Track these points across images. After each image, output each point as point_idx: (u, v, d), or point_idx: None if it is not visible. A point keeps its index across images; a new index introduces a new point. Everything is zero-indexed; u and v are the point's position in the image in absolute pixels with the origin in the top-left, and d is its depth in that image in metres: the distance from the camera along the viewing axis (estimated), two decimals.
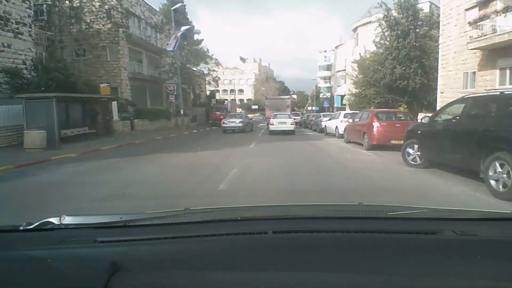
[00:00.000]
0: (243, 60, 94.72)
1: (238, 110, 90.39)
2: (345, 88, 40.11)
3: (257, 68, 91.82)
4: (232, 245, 1.15)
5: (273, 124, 22.32)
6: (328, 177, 7.80)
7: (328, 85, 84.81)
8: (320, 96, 70.43)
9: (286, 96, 37.97)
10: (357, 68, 30.21)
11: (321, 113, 25.97)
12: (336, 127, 18.37)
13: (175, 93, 28.61)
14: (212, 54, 41.85)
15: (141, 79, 31.15)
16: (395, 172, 8.39)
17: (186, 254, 1.09)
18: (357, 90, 29.22)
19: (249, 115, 39.22)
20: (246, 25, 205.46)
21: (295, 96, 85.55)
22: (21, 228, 1.27)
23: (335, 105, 43.31)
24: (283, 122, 22.14)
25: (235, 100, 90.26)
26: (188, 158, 11.46)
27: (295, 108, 47.29)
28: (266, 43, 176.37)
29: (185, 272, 0.99)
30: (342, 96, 40.08)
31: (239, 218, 1.43)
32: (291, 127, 21.68)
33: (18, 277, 0.97)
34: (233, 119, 25.30)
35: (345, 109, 40.73)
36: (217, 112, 38.99)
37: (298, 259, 1.03)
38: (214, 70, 39.08)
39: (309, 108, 63.53)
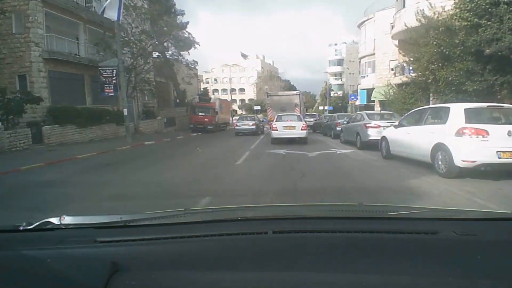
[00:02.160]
0: (244, 56, 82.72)
1: (239, 111, 79.31)
2: (374, 78, 28.05)
3: (260, 65, 79.77)
4: (232, 245, 1.11)
5: (276, 129, 14.66)
6: None
7: (339, 82, 72.69)
8: (331, 94, 58.35)
9: (294, 92, 25.65)
10: (397, 45, 18.39)
11: (362, 112, 13.75)
12: (454, 148, 6.22)
13: (114, 81, 16.85)
14: (186, 24, 30.09)
15: (75, 63, 19.46)
16: None
17: (186, 254, 1.05)
18: (411, 75, 17.27)
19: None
20: (247, 25, 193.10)
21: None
22: (21, 228, 1.23)
23: (358, 102, 31.18)
24: (291, 126, 14.57)
25: (235, 100, 78.53)
26: None
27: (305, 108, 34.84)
28: (269, 43, 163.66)
29: (185, 272, 0.96)
30: (369, 90, 27.89)
31: (239, 218, 1.40)
32: (302, 133, 14.42)
33: (18, 277, 0.93)
34: (246, 122, 23.12)
35: (373, 108, 28.74)
36: (201, 114, 27.20)
37: (298, 259, 1.00)
38: (181, 45, 27.09)
39: (320, 107, 51.64)
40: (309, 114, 26.55)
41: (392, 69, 26.78)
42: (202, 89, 52.16)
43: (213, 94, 65.64)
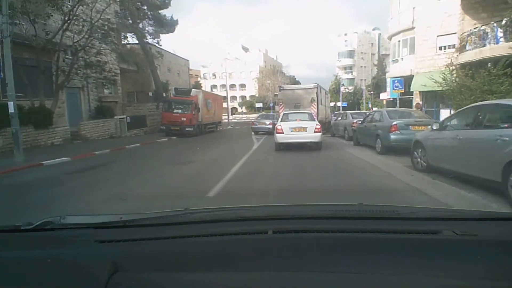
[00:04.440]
0: (245, 49, 74.87)
1: (239, 109, 71.63)
2: (412, 62, 20.21)
3: (262, 59, 71.81)
4: (232, 245, 1.08)
5: (282, 132, 10.63)
6: None
7: (350, 76, 64.59)
8: (342, 90, 50.48)
9: (311, 85, 18.80)
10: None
11: None
12: None
13: None
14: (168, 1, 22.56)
15: None
16: None
17: (186, 254, 1.03)
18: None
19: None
20: (249, 19, 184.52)
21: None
22: (21, 228, 1.20)
23: (388, 96, 23.26)
24: (300, 127, 10.63)
25: (235, 97, 70.78)
26: None
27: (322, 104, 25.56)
28: (271, 40, 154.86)
29: (185, 272, 0.94)
30: (406, 78, 19.91)
31: (239, 218, 1.35)
32: (315, 137, 10.57)
33: (18, 277, 0.92)
34: (263, 121, 21.05)
35: (411, 103, 20.93)
36: (177, 111, 19.56)
37: (298, 259, 0.98)
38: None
39: (331, 104, 43.78)
40: (339, 113, 18.78)
41: (441, 48, 18.97)
42: (194, 83, 44.51)
43: (211, 90, 58.08)
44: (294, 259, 0.96)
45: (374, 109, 36.31)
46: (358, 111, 18.51)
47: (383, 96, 26.80)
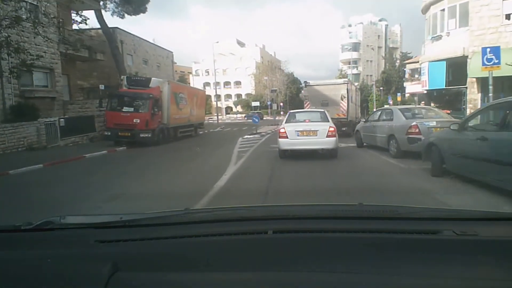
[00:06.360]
0: (241, 44, 68.63)
1: (234, 109, 65.48)
2: (465, 37, 14.17)
3: (259, 55, 65.56)
4: (232, 245, 1.08)
5: (285, 136, 8.63)
6: None
7: (355, 71, 58.35)
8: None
9: (340, 81, 17.02)
10: None
11: None
12: None
13: None
14: None
15: None
16: None
17: (186, 254, 1.02)
18: None
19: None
20: (245, 16, 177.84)
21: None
22: (21, 228, 1.19)
23: (424, 87, 17.12)
24: (309, 130, 8.58)
25: (230, 95, 64.59)
26: None
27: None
28: (268, 38, 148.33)
29: (185, 272, 0.93)
30: (453, 61, 13.79)
31: (239, 218, 1.35)
32: (329, 142, 8.41)
33: (18, 277, 0.91)
34: None
35: (463, 94, 14.84)
36: (127, 110, 13.42)
37: (298, 259, 0.97)
38: None
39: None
40: (383, 109, 11.93)
41: (509, 16, 12.92)
42: (179, 78, 38.42)
43: (204, 88, 52.00)
44: (294, 259, 0.96)
45: (386, 106, 30.22)
46: (411, 106, 12.32)
47: (412, 88, 20.60)
